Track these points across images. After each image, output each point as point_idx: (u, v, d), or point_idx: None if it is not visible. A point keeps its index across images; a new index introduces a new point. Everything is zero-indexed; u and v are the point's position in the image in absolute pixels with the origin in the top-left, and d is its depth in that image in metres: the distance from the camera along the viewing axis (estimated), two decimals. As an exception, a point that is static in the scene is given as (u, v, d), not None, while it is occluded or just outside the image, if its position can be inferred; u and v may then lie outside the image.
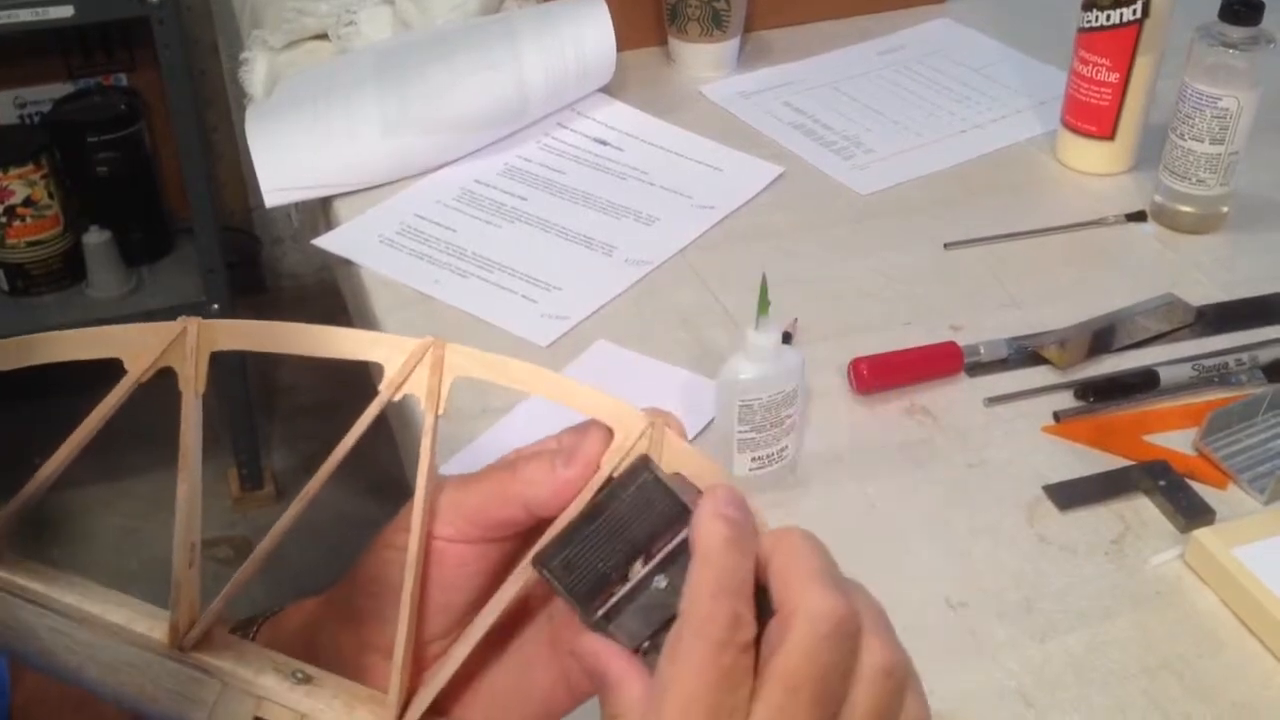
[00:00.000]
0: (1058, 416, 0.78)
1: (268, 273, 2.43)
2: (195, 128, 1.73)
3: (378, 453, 1.18)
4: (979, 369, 0.82)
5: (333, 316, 0.58)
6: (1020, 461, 0.75)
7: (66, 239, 1.85)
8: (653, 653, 0.36)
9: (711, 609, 0.34)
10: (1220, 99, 0.90)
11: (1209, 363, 0.81)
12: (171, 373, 0.39)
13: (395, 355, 0.39)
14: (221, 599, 0.38)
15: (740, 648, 0.34)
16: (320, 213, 1.03)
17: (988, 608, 0.66)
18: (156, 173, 1.95)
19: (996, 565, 0.68)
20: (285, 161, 1.00)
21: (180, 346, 0.39)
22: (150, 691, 0.38)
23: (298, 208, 1.06)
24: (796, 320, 0.84)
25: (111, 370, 0.39)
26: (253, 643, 0.40)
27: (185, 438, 0.38)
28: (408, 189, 1.01)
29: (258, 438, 2.05)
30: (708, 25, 1.16)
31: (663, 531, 0.38)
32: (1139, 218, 0.97)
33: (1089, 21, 0.98)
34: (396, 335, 0.39)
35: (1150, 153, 1.00)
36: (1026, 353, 0.83)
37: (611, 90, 1.12)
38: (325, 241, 0.96)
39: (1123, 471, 0.74)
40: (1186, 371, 0.80)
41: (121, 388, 0.38)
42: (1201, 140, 0.92)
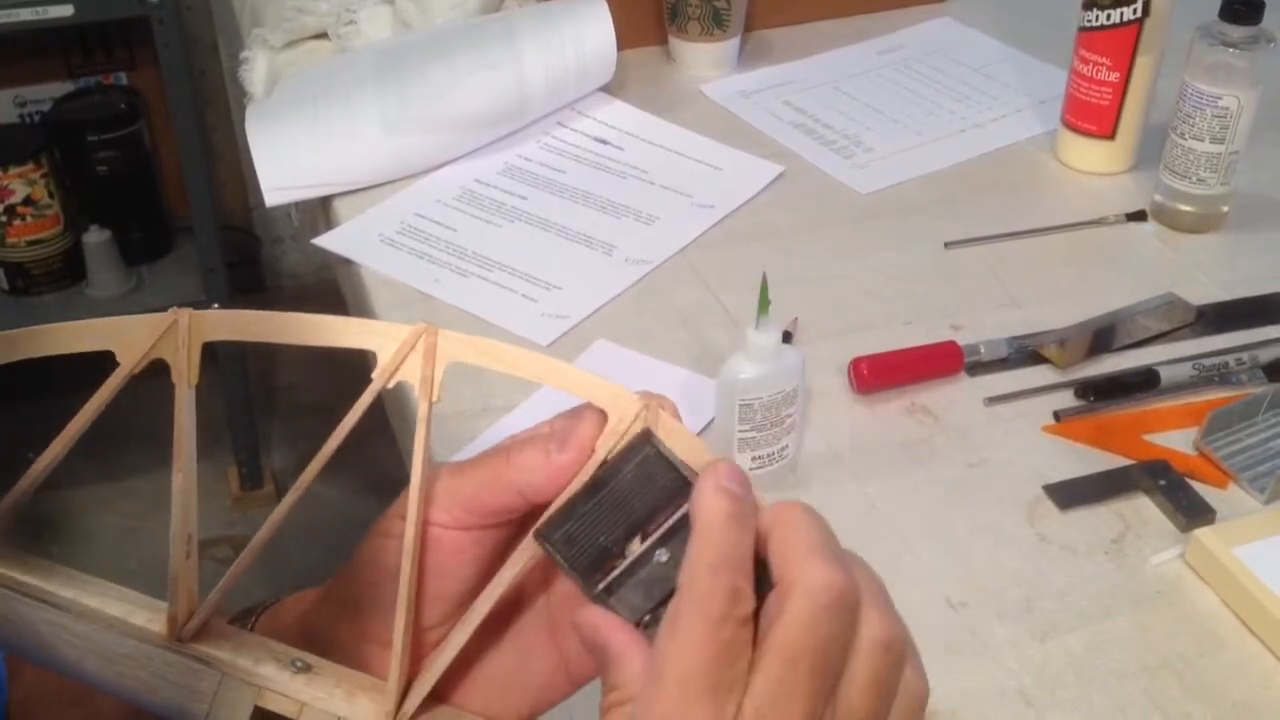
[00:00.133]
0: (1058, 416, 0.78)
1: (268, 272, 2.43)
2: (195, 127, 1.73)
3: (377, 451, 1.18)
4: (979, 368, 0.82)
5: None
6: (1020, 461, 0.75)
7: (66, 238, 1.85)
8: (653, 626, 0.36)
9: (711, 584, 0.34)
10: (1220, 98, 0.90)
11: (1209, 362, 0.81)
12: (168, 368, 0.39)
13: (388, 343, 0.39)
14: (219, 590, 0.38)
15: (739, 621, 0.34)
16: (320, 212, 1.03)
17: (988, 607, 0.66)
18: (156, 172, 1.96)
19: (997, 565, 0.68)
20: (285, 160, 1.00)
21: (172, 337, 0.38)
22: (150, 683, 0.38)
23: (298, 207, 1.06)
24: (797, 320, 0.84)
25: (108, 368, 0.39)
26: (251, 633, 0.40)
27: (179, 429, 0.38)
28: (408, 188, 1.01)
29: (258, 437, 2.05)
30: (708, 24, 1.16)
31: (664, 505, 0.38)
32: (1139, 217, 0.97)
33: (1089, 21, 0.98)
34: (389, 323, 0.39)
35: (1150, 152, 1.00)
36: (1027, 352, 0.83)
37: (612, 89, 1.12)
38: (325, 241, 0.96)
39: (1123, 471, 0.74)
40: (1187, 371, 0.80)
41: (114, 380, 0.38)
42: (1202, 139, 0.92)
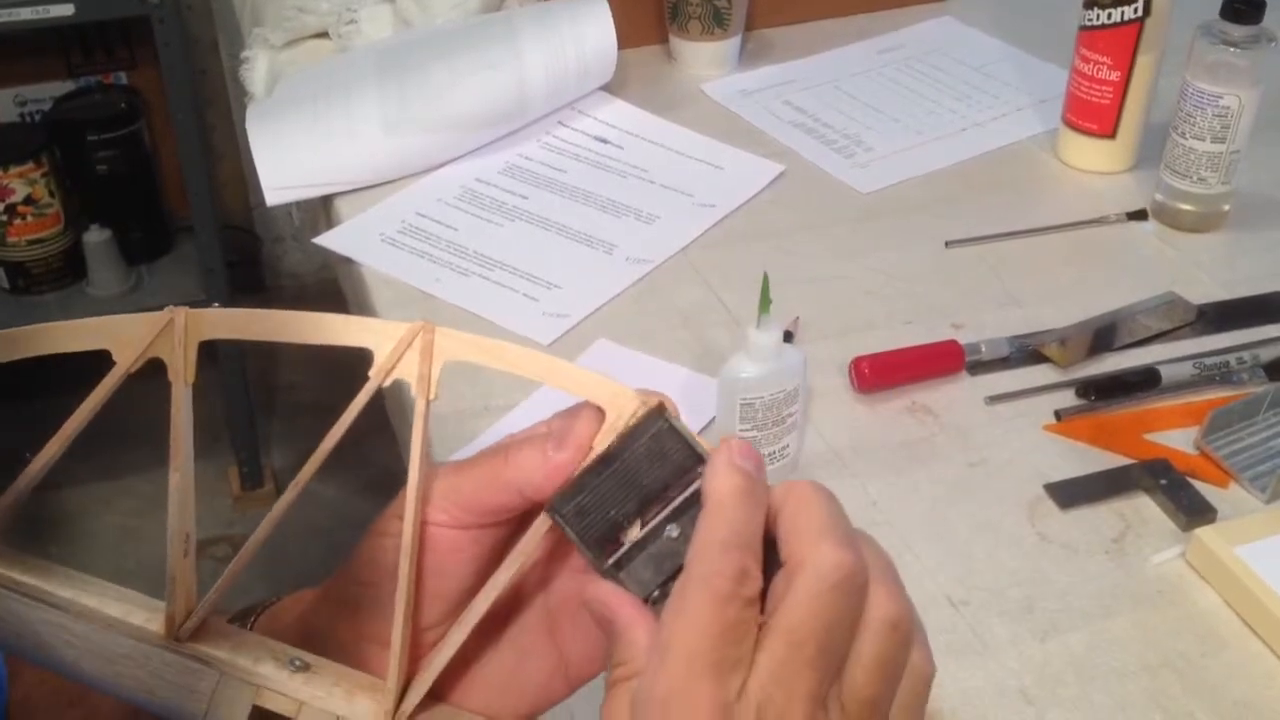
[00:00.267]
0: (1059, 415, 0.78)
1: (268, 271, 2.43)
2: (195, 126, 1.73)
3: (376, 450, 1.18)
4: (980, 368, 0.82)
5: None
6: (1021, 460, 0.75)
7: (67, 237, 1.85)
8: (662, 601, 0.36)
9: (720, 562, 0.34)
10: (1221, 97, 0.90)
11: (1210, 361, 0.81)
12: (165, 367, 0.39)
13: (385, 341, 0.38)
14: (217, 589, 0.38)
15: (745, 601, 0.34)
16: (321, 211, 1.03)
17: (989, 606, 0.66)
18: (157, 171, 1.96)
19: (997, 564, 0.68)
20: (286, 160, 1.00)
21: (168, 336, 0.38)
22: (148, 683, 0.37)
23: (299, 206, 1.06)
24: (798, 319, 0.84)
25: (106, 367, 0.39)
26: (250, 632, 0.40)
27: (175, 427, 0.38)
28: (409, 187, 1.01)
29: (258, 436, 2.05)
30: (709, 23, 1.16)
31: (676, 481, 0.37)
32: (1140, 216, 0.97)
33: (1090, 20, 0.98)
34: (386, 320, 0.39)
35: (1151, 151, 1.00)
36: (1028, 351, 0.83)
37: (612, 88, 1.12)
38: (326, 240, 0.96)
39: (1124, 470, 0.73)
40: (1187, 370, 0.80)
41: (110, 379, 0.38)
42: (1203, 138, 0.92)
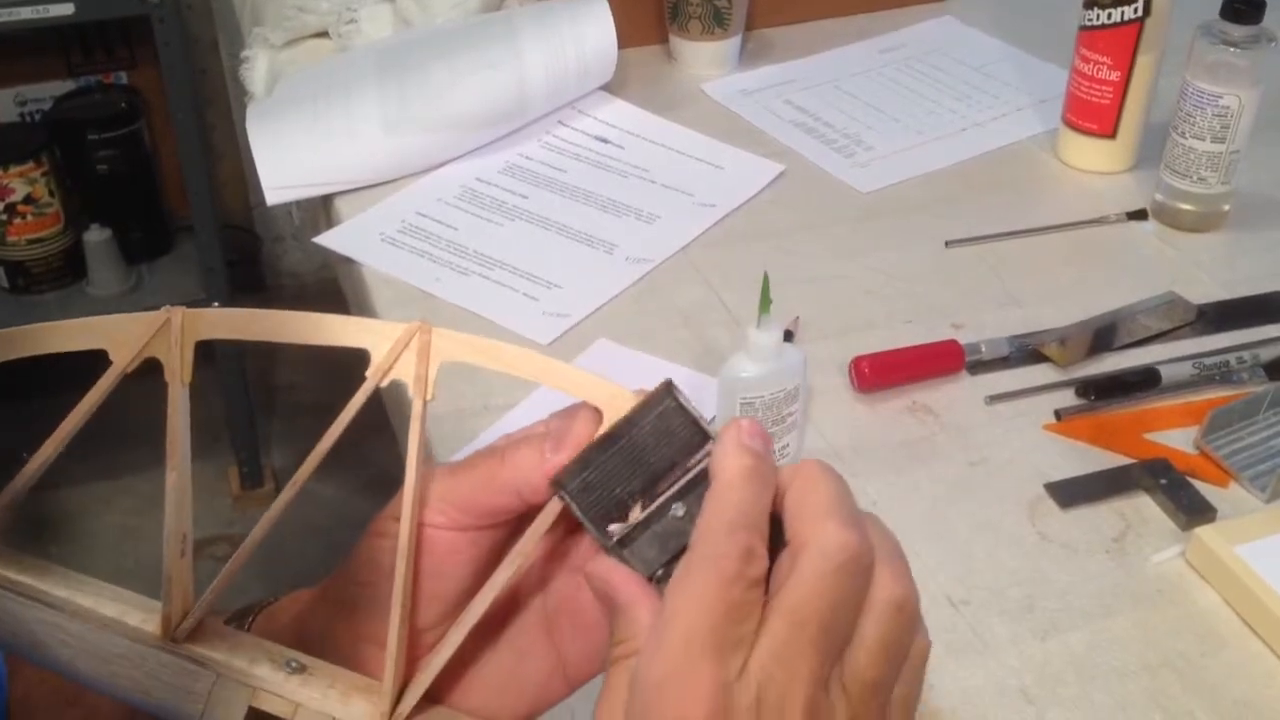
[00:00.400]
0: (1059, 415, 0.78)
1: (268, 271, 2.43)
2: (195, 126, 1.73)
3: (375, 450, 1.18)
4: (980, 367, 0.81)
5: (333, 314, 0.58)
6: (1021, 460, 0.75)
7: (67, 237, 1.85)
8: (665, 581, 0.36)
9: (725, 543, 0.34)
10: (1221, 97, 0.90)
11: (1210, 361, 0.81)
12: (162, 367, 0.39)
13: (382, 341, 0.38)
14: (213, 590, 0.38)
15: (750, 582, 0.34)
16: (321, 211, 1.03)
17: (989, 606, 0.65)
18: (157, 171, 1.96)
19: (998, 563, 0.68)
20: (286, 159, 1.00)
21: (165, 336, 0.38)
22: (144, 683, 0.37)
23: (299, 206, 1.06)
24: (798, 318, 0.84)
25: (104, 367, 0.39)
26: (247, 633, 0.40)
27: (172, 427, 0.38)
28: (409, 187, 1.01)
29: (257, 436, 2.05)
30: (709, 23, 1.15)
31: (683, 460, 0.37)
32: (1140, 216, 0.97)
33: (1090, 20, 0.98)
34: (383, 321, 0.39)
35: (1151, 151, 1.00)
36: (1028, 351, 0.83)
37: (612, 88, 1.12)
38: (326, 239, 0.96)
39: (1124, 470, 0.73)
40: (1187, 370, 0.80)
41: (107, 379, 0.38)
42: (1203, 138, 0.92)
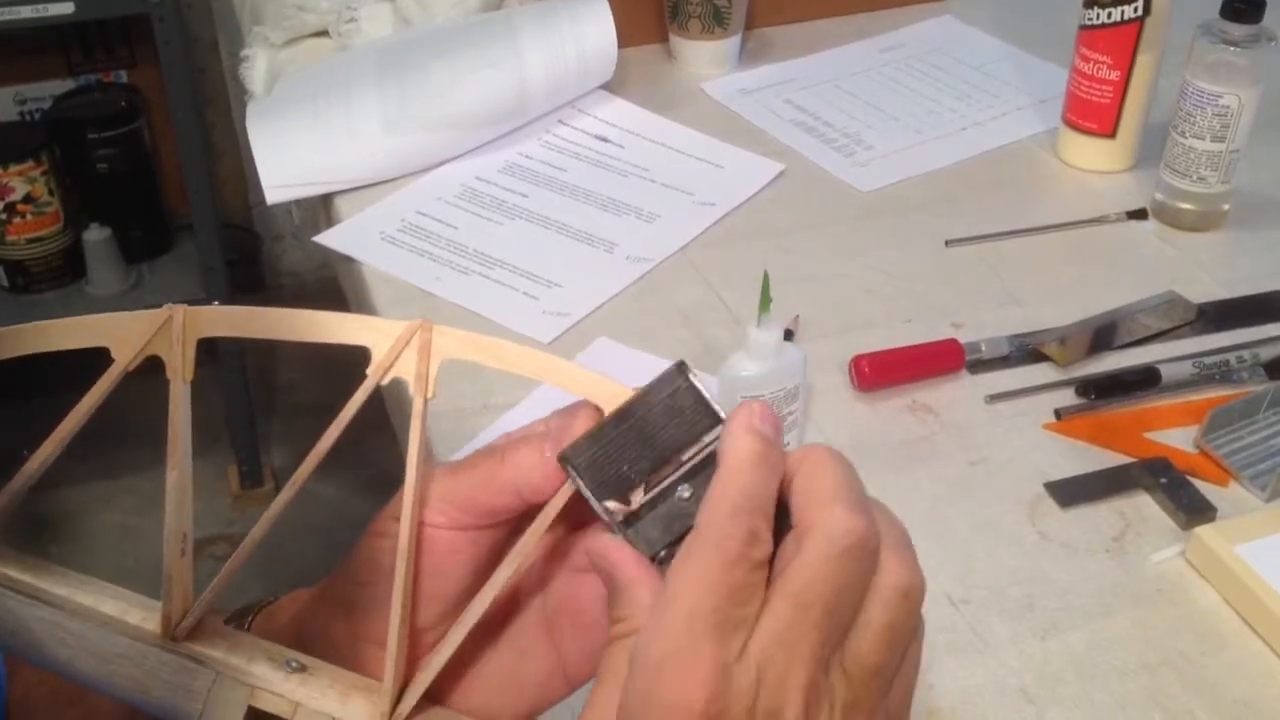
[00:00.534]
0: (1059, 414, 0.78)
1: (268, 270, 2.43)
2: (195, 125, 1.73)
3: (376, 451, 1.18)
4: (980, 366, 0.81)
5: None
6: (1021, 459, 0.75)
7: (66, 236, 1.85)
8: (668, 562, 0.35)
9: (730, 525, 0.34)
10: (1221, 96, 0.90)
11: (1210, 360, 0.80)
12: (164, 365, 0.39)
13: (383, 339, 0.38)
14: (213, 588, 0.38)
15: (753, 564, 0.34)
16: (321, 210, 1.03)
17: (989, 605, 0.65)
18: (156, 170, 1.96)
19: (998, 563, 0.68)
20: (286, 158, 1.00)
21: (166, 334, 0.38)
22: (143, 682, 0.37)
23: (299, 204, 1.06)
24: (798, 317, 0.84)
25: (105, 365, 0.38)
26: (246, 632, 0.40)
27: (174, 425, 0.38)
28: (409, 186, 1.01)
29: (258, 436, 2.05)
30: (709, 22, 1.15)
31: (692, 441, 0.37)
32: (1140, 215, 0.97)
33: (1090, 19, 0.98)
34: (384, 319, 0.39)
35: (1151, 150, 1.00)
36: (1028, 350, 0.83)
37: (612, 87, 1.12)
38: (326, 238, 0.96)
39: (1124, 469, 0.73)
40: (1187, 369, 0.80)
41: (108, 377, 0.38)
42: (1202, 138, 0.92)
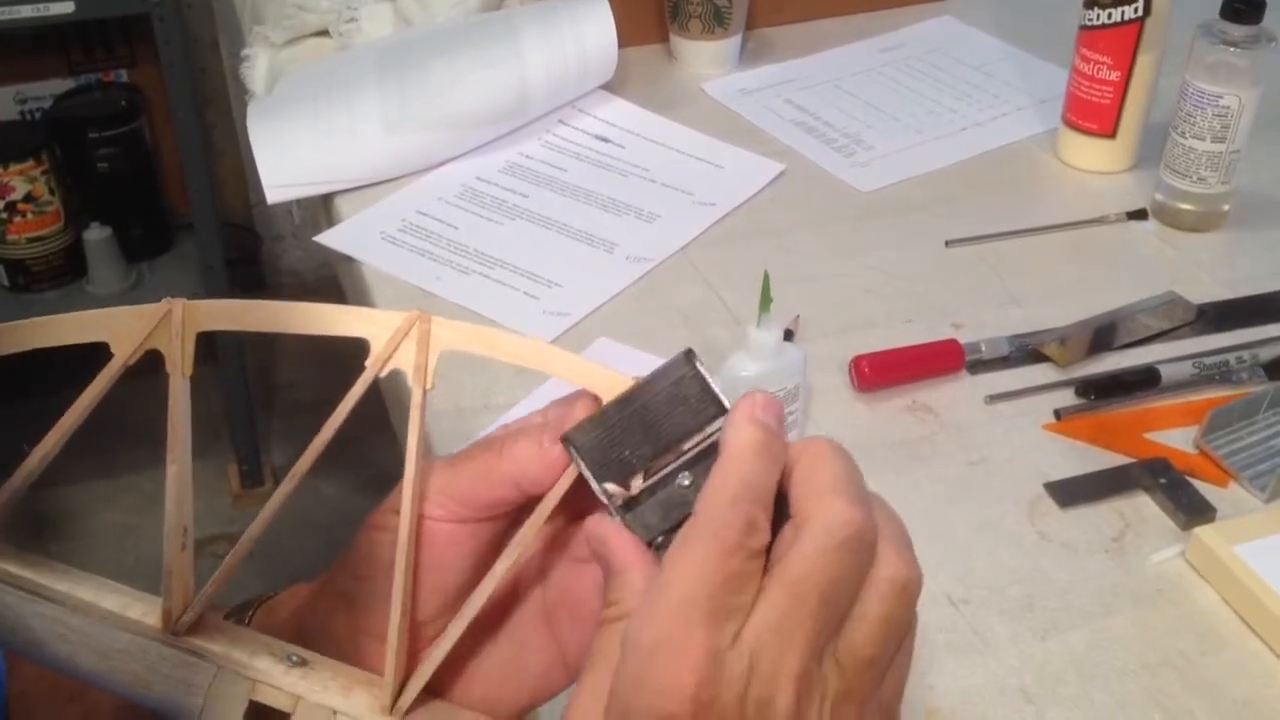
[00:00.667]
0: (1059, 414, 0.78)
1: (268, 269, 2.43)
2: (196, 124, 1.73)
3: (375, 450, 1.18)
4: (980, 367, 0.82)
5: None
6: (1021, 459, 0.75)
7: (67, 235, 1.85)
8: (664, 549, 0.35)
9: (728, 513, 0.34)
10: (1221, 97, 0.90)
11: (1210, 360, 0.81)
12: (164, 362, 0.39)
13: (381, 331, 0.38)
14: (213, 582, 0.38)
15: (750, 553, 0.34)
16: (322, 209, 1.03)
17: (989, 605, 0.65)
18: (157, 169, 1.96)
19: (997, 563, 0.68)
20: (287, 158, 1.00)
21: (165, 328, 0.38)
22: (144, 677, 0.37)
23: (299, 204, 1.06)
24: (798, 317, 0.84)
25: (105, 361, 0.38)
26: (247, 627, 0.40)
27: (173, 419, 0.38)
28: (409, 186, 1.01)
29: (257, 434, 2.04)
30: (709, 22, 1.15)
31: (695, 429, 0.37)
32: (1140, 216, 0.97)
33: (1090, 19, 0.98)
34: (382, 310, 0.39)
35: (1151, 151, 1.00)
36: (1027, 350, 0.83)
37: (613, 87, 1.12)
38: (327, 238, 0.96)
39: (1123, 469, 0.73)
40: (1187, 369, 0.80)
41: (108, 372, 0.38)
42: (1203, 138, 0.92)
